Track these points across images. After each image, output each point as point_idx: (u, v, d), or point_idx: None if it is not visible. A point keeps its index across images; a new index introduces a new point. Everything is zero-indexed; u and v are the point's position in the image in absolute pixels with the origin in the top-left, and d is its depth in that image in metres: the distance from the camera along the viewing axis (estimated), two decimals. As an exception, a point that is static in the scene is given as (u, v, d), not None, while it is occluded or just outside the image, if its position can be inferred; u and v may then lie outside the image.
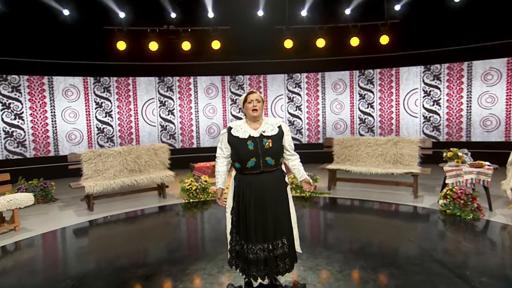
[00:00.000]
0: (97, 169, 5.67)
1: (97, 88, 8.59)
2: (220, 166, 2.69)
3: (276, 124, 2.64)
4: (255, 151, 2.49)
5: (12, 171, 7.37)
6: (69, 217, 5.15)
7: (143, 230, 4.56)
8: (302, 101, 9.59)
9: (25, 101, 7.91)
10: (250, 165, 2.47)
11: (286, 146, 2.67)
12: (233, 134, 2.59)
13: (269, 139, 2.52)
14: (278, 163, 2.59)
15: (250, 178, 2.53)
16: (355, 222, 4.65)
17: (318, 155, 7.89)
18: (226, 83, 9.54)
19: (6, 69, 7.63)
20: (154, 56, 8.55)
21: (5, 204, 4.33)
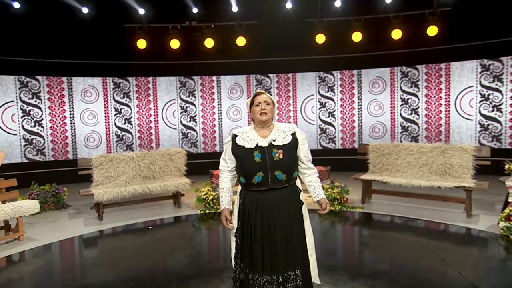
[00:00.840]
0: (108, 175, 5.59)
1: (117, 93, 8.67)
2: (224, 182, 2.40)
3: (289, 131, 2.32)
4: (262, 163, 2.20)
5: (30, 174, 7.70)
6: (77, 226, 5.09)
7: (154, 242, 4.39)
8: (335, 106, 9.07)
9: (45, 108, 8.12)
10: (257, 180, 2.20)
11: (301, 157, 2.34)
12: (238, 143, 2.30)
13: (279, 149, 2.22)
14: (291, 178, 2.27)
15: (256, 196, 2.24)
16: (392, 243, 4.14)
17: (352, 163, 7.39)
18: (252, 82, 9.27)
19: (26, 70, 7.88)
20: (175, 55, 8.49)
21: (9, 212, 4.31)
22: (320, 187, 2.41)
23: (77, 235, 4.71)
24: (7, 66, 7.64)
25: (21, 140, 7.92)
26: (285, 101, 9.27)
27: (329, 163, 7.45)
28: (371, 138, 8.92)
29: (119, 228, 5.01)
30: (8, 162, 7.72)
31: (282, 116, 9.27)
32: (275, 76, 9.26)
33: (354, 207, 5.58)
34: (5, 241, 4.48)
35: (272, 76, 9.25)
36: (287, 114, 9.27)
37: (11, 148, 7.80)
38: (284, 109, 9.27)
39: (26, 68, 7.84)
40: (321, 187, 2.44)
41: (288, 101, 9.27)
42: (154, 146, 8.92)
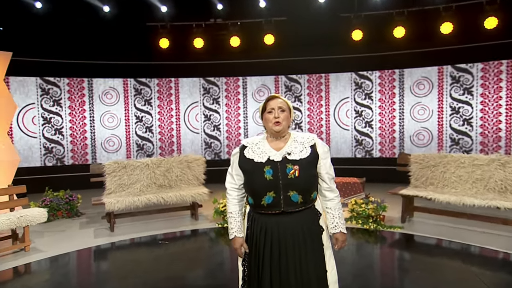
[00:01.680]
0: (121, 183, 5.49)
1: (138, 100, 8.71)
2: (232, 205, 2.14)
3: (308, 143, 2.05)
4: (273, 181, 1.94)
5: (48, 178, 7.85)
6: (86, 237, 5.00)
7: (167, 257, 4.21)
8: (373, 114, 8.53)
9: (65, 113, 8.27)
10: (267, 202, 1.96)
11: (322, 174, 2.06)
12: (247, 156, 2.05)
13: (295, 164, 1.96)
14: (308, 199, 2.01)
15: (266, 220, 2.01)
16: (438, 272, 3.64)
17: (391, 174, 6.84)
18: (280, 84, 8.96)
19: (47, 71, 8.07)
20: (199, 55, 8.40)
21: (14, 221, 4.27)
22: (340, 217, 2.10)
23: (85, 248, 4.60)
24: (29, 67, 7.86)
25: (41, 144, 8.10)
26: (317, 105, 8.87)
27: (363, 173, 6.97)
28: (414, 146, 8.28)
29: (130, 241, 4.89)
30: (28, 165, 7.91)
31: (313, 121, 8.87)
32: (305, 77, 8.89)
33: (392, 226, 5.09)
34: (12, 251, 4.45)
35: (302, 77, 8.90)
36: (318, 118, 8.86)
37: (31, 151, 8.01)
38: (316, 114, 8.87)
39: (47, 69, 8.04)
40: (342, 217, 2.11)
41: (319, 104, 8.86)
42: (175, 151, 8.84)
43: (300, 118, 8.90)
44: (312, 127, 8.89)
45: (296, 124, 8.93)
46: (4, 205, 4.55)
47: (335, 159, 8.66)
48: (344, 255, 4.16)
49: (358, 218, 5.18)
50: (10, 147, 6.11)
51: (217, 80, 8.99)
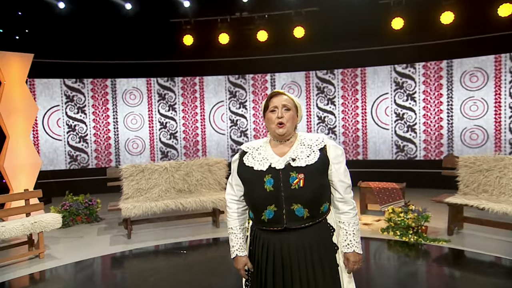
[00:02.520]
0: (139, 188, 5.46)
1: (162, 105, 8.77)
2: (233, 219, 1.97)
3: (316, 145, 1.84)
4: (274, 193, 1.76)
5: (73, 182, 8.07)
6: (103, 244, 5.00)
7: (185, 267, 4.08)
8: (417, 117, 7.99)
9: (89, 121, 8.47)
10: (267, 217, 1.78)
11: (334, 183, 1.84)
12: (246, 163, 1.88)
13: (300, 172, 1.75)
14: (317, 213, 1.79)
15: (267, 237, 1.83)
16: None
17: (436, 179, 6.34)
18: (312, 79, 8.64)
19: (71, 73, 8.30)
20: (224, 51, 8.32)
21: (28, 227, 4.32)
22: (355, 234, 1.84)
23: (99, 255, 4.58)
24: (53, 68, 8.12)
25: (65, 147, 8.34)
26: (352, 102, 8.46)
27: (403, 177, 6.51)
28: (466, 147, 7.63)
29: (147, 249, 4.83)
30: (53, 168, 8.17)
31: (348, 120, 8.46)
32: (339, 72, 8.51)
33: (437, 239, 4.63)
34: (27, 257, 4.52)
35: (336, 72, 8.52)
36: (354, 117, 8.43)
37: (56, 154, 8.26)
38: (350, 112, 8.47)
39: (71, 70, 8.27)
40: (358, 234, 1.86)
41: (355, 101, 8.43)
42: (200, 154, 8.79)
43: (334, 122, 8.53)
44: (346, 128, 8.49)
45: (329, 129, 8.58)
46: (20, 210, 4.64)
47: (373, 161, 8.31)
48: (378, 272, 3.82)
49: (396, 229, 4.78)
50: (32, 150, 6.30)
51: (243, 79, 8.83)
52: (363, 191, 5.97)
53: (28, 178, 6.15)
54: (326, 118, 8.60)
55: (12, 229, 4.20)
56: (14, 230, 4.21)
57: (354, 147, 8.48)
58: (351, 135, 8.48)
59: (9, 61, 6.00)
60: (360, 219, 5.64)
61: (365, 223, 5.44)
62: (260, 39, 7.89)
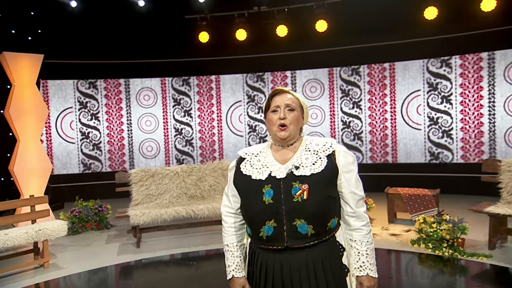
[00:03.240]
0: (149, 194, 5.38)
1: (177, 111, 8.75)
2: (229, 235, 1.82)
3: (323, 151, 1.68)
4: (274, 206, 1.61)
5: (87, 186, 8.11)
6: (110, 253, 4.92)
7: (198, 279, 3.96)
8: (453, 121, 7.56)
9: (103, 123, 8.52)
10: (266, 234, 1.63)
11: (344, 194, 1.67)
12: (243, 171, 1.74)
13: (304, 182, 1.60)
14: (323, 230, 1.63)
15: (267, 257, 1.68)
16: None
17: (474, 186, 5.93)
18: (335, 77, 8.36)
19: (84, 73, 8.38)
20: (242, 48, 8.23)
21: (32, 235, 4.28)
22: (369, 255, 1.65)
23: (106, 266, 4.51)
24: (66, 69, 8.21)
25: (79, 150, 8.41)
26: (380, 99, 8.10)
27: (437, 182, 6.15)
28: (511, 148, 7.13)
29: (156, 258, 4.73)
30: (66, 172, 8.25)
31: (376, 116, 8.11)
32: (366, 68, 8.19)
33: (476, 254, 4.27)
34: (33, 266, 4.49)
35: (362, 68, 8.21)
36: (382, 116, 8.07)
37: (69, 157, 8.35)
38: (378, 110, 8.11)
39: (84, 71, 8.36)
40: (372, 254, 1.67)
41: (383, 97, 8.09)
42: (217, 156, 8.68)
43: (360, 128, 8.21)
44: (374, 126, 8.14)
45: (355, 135, 8.26)
46: (25, 217, 4.63)
47: (403, 165, 7.91)
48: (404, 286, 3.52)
49: (428, 241, 4.46)
50: (43, 154, 6.35)
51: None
52: (391, 197, 5.66)
53: (38, 183, 6.19)
54: (352, 122, 8.30)
55: (16, 237, 4.17)
56: (18, 239, 4.18)
57: (382, 146, 8.11)
58: (379, 135, 8.12)
59: (19, 62, 6.07)
60: (387, 228, 5.33)
61: (392, 234, 5.12)
62: (279, 34, 7.73)
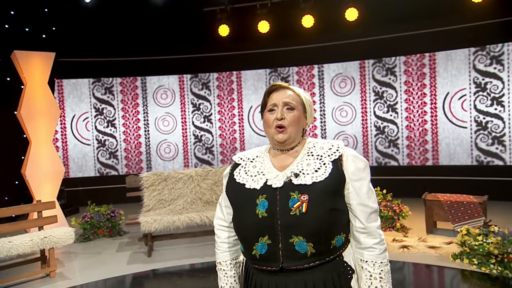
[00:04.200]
0: (161, 199, 5.29)
1: (196, 116, 8.74)
2: (222, 251, 1.70)
3: (329, 155, 1.53)
4: (268, 220, 1.46)
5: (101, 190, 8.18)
6: (120, 262, 4.87)
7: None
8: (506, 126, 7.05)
9: (119, 134, 8.58)
10: (259, 252, 1.49)
11: (352, 207, 1.51)
12: (236, 179, 1.61)
13: (304, 192, 1.45)
14: (325, 249, 1.47)
15: (260, 279, 1.54)
16: None
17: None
18: (367, 70, 8.03)
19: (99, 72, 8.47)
20: (264, 41, 8.11)
21: (38, 242, 4.27)
22: (382, 279, 1.48)
23: (113, 276, 4.44)
24: (80, 68, 8.34)
25: (94, 151, 8.51)
26: (418, 92, 7.69)
27: (485, 188, 5.72)
28: None
29: (168, 269, 4.63)
30: (82, 175, 8.36)
31: (413, 109, 7.68)
32: (402, 59, 7.79)
33: (530, 272, 3.87)
34: (38, 276, 4.49)
35: (398, 59, 7.80)
36: (421, 113, 7.65)
37: (85, 159, 8.46)
38: (417, 106, 7.69)
39: (99, 69, 8.45)
40: (387, 278, 1.50)
41: (422, 93, 7.65)
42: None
43: (396, 134, 7.84)
44: (411, 121, 7.74)
45: (390, 142, 7.90)
46: (31, 223, 4.65)
47: (446, 167, 7.46)
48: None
49: (472, 256, 4.10)
50: (55, 156, 6.41)
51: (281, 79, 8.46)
52: (429, 205, 5.30)
53: (51, 186, 6.25)
54: (388, 133, 7.95)
55: (20, 245, 4.17)
56: (22, 246, 4.18)
57: (422, 144, 7.68)
58: (417, 133, 7.70)
59: (30, 61, 6.15)
60: (425, 240, 4.98)
61: (431, 246, 4.77)
62: (305, 25, 7.50)
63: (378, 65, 7.96)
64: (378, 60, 7.97)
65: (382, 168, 7.93)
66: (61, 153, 8.28)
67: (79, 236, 5.79)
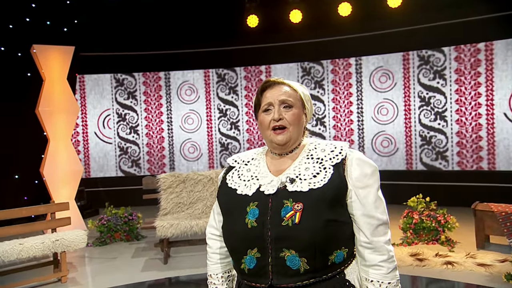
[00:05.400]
0: (179, 202, 5.29)
1: (222, 122, 8.81)
2: (213, 263, 1.66)
3: (331, 158, 1.46)
4: (258, 231, 1.40)
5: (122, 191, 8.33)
6: (134, 269, 4.90)
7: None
8: None
9: (141, 114, 8.71)
10: (248, 266, 1.43)
11: (355, 217, 1.43)
12: (228, 184, 1.57)
13: (298, 201, 1.38)
14: (324, 265, 1.39)
15: None
16: None
17: None
18: (412, 63, 7.72)
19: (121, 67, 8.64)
20: (296, 32, 8.07)
21: (49, 245, 4.36)
22: None
23: (126, 284, 4.47)
24: (102, 62, 8.54)
25: (116, 150, 8.69)
26: (471, 87, 7.30)
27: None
28: None
29: (184, 278, 4.63)
30: (103, 175, 8.56)
31: (464, 110, 7.28)
32: (451, 50, 7.43)
33: None
34: (49, 281, 4.58)
35: (447, 49, 7.43)
36: (474, 109, 7.25)
37: (106, 159, 8.65)
38: (469, 102, 7.31)
39: (122, 64, 8.64)
40: None
41: (475, 87, 7.26)
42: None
43: (444, 145, 7.50)
44: (463, 115, 7.34)
45: (437, 153, 7.57)
46: (43, 225, 4.77)
47: (504, 173, 7.00)
48: None
49: None
50: (73, 155, 6.58)
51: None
52: (480, 216, 4.97)
53: (68, 186, 6.42)
54: (433, 140, 7.63)
55: (31, 248, 4.27)
56: (33, 249, 4.28)
57: (475, 140, 7.28)
58: (470, 128, 7.29)
59: (49, 56, 6.34)
60: (474, 256, 4.66)
61: (481, 263, 4.46)
62: (341, 14, 7.42)
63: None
64: (423, 52, 7.65)
65: (426, 173, 7.60)
66: (82, 152, 8.51)
67: (96, 239, 5.89)
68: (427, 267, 4.47)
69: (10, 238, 4.47)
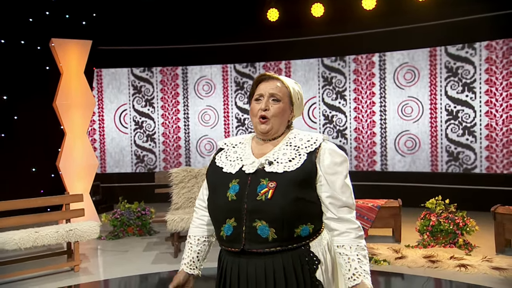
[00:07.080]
0: (191, 197, 5.65)
1: (239, 129, 9.12)
2: (194, 226, 2.02)
3: (307, 147, 1.80)
4: (236, 203, 1.73)
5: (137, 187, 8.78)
6: (144, 261, 5.30)
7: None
8: None
9: (158, 117, 9.16)
10: (226, 233, 1.77)
11: (322, 198, 1.75)
12: (217, 163, 1.92)
13: (273, 180, 1.71)
14: (290, 237, 1.70)
15: (227, 261, 1.83)
16: None
17: None
18: (439, 59, 7.86)
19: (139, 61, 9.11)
20: (318, 26, 8.24)
21: (63, 235, 4.81)
22: (361, 261, 1.70)
23: (134, 275, 4.87)
24: (119, 56, 9.01)
25: (132, 147, 9.18)
26: (503, 82, 7.38)
27: None
28: None
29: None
30: (119, 171, 9.06)
31: (496, 95, 7.40)
32: (481, 47, 7.52)
33: None
34: (62, 269, 5.04)
35: (478, 45, 7.55)
36: (503, 105, 7.34)
37: (122, 154, 9.15)
38: (500, 99, 7.41)
39: (139, 58, 9.10)
40: (365, 260, 1.71)
41: (507, 88, 7.34)
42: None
43: (473, 157, 7.69)
44: (492, 112, 7.42)
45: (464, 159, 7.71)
46: (57, 215, 5.24)
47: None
48: None
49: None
50: (89, 149, 7.07)
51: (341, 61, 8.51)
52: (500, 219, 5.13)
53: (83, 179, 6.91)
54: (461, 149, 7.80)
55: (46, 236, 4.72)
56: (48, 237, 4.73)
57: (505, 134, 7.35)
58: (500, 121, 7.36)
59: (67, 49, 6.85)
60: (491, 260, 4.83)
61: (496, 267, 4.63)
62: (365, 7, 7.55)
63: (453, 51, 7.76)
64: (453, 46, 7.78)
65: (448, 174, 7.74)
66: (98, 147, 9.03)
67: (109, 233, 6.35)
68: (439, 269, 4.66)
69: (26, 227, 4.97)
